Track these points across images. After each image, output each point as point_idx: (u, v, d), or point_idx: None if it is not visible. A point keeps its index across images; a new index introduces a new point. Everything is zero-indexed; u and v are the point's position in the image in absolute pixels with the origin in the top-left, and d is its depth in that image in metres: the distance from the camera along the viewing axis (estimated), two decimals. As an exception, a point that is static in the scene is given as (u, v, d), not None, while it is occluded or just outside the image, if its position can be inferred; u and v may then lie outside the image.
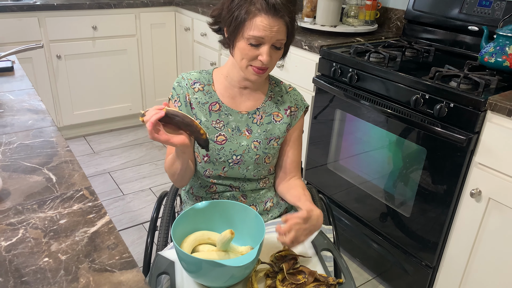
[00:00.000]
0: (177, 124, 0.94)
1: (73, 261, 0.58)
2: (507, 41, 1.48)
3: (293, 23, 1.07)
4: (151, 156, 2.83)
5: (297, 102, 1.23)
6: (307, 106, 1.25)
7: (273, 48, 1.06)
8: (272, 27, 1.01)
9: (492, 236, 1.38)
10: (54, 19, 2.59)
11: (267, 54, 1.04)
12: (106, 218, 0.66)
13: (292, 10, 1.04)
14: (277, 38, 1.03)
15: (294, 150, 1.24)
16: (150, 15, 2.93)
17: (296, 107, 1.22)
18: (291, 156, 1.23)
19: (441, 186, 1.46)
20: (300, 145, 1.25)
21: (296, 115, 1.23)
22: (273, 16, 1.01)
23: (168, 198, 1.34)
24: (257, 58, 1.05)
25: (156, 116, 0.88)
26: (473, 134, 1.34)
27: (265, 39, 1.02)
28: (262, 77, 1.11)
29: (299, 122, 1.24)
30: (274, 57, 1.07)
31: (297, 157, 1.25)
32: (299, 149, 1.25)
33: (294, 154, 1.24)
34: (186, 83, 1.17)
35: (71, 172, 0.79)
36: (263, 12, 1.00)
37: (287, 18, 1.02)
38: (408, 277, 1.67)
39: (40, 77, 2.67)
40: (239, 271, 0.92)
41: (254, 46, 1.04)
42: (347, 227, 1.92)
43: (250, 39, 1.03)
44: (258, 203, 1.23)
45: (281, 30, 1.03)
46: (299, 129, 1.24)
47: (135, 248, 2.00)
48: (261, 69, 1.07)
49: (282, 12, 1.01)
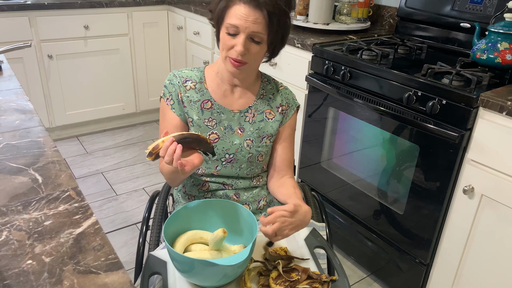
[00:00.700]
0: (189, 145, 0.96)
1: (57, 263, 0.57)
2: (499, 38, 1.48)
3: (278, 20, 1.03)
4: (144, 156, 2.81)
5: (289, 101, 1.22)
6: (298, 105, 1.25)
7: (251, 41, 1.03)
8: (248, 16, 0.99)
9: (485, 233, 1.38)
10: (45, 18, 2.57)
11: (242, 44, 1.02)
12: (93, 219, 0.65)
13: (276, 5, 1.00)
14: (252, 29, 1.00)
15: (284, 148, 1.23)
16: (142, 14, 2.91)
17: (287, 106, 1.22)
18: (281, 154, 1.22)
19: (434, 183, 1.46)
20: (291, 143, 1.25)
21: (287, 114, 1.22)
22: (251, 6, 0.99)
23: (160, 198, 1.33)
24: (234, 48, 1.04)
25: (178, 157, 0.90)
26: (465, 131, 1.34)
27: (240, 28, 1.01)
28: (241, 70, 1.08)
29: (290, 120, 1.23)
30: (253, 51, 1.05)
31: (288, 155, 1.24)
32: (291, 148, 1.24)
33: (285, 152, 1.23)
34: (178, 81, 1.16)
35: (57, 173, 0.78)
36: (243, 1, 0.99)
37: (267, 11, 0.99)
38: (402, 274, 1.67)
39: (32, 77, 2.65)
40: (231, 270, 0.92)
41: (231, 36, 1.03)
42: (341, 225, 1.92)
43: (228, 28, 1.02)
44: (251, 201, 1.22)
45: (259, 22, 1.00)
46: (290, 128, 1.23)
47: (129, 248, 1.98)
48: (236, 61, 1.05)
49: (262, 4, 0.98)
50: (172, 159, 0.91)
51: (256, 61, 1.09)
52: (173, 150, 0.91)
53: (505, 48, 1.47)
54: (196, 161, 0.96)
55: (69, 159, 2.72)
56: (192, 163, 0.95)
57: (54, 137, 2.95)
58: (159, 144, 0.92)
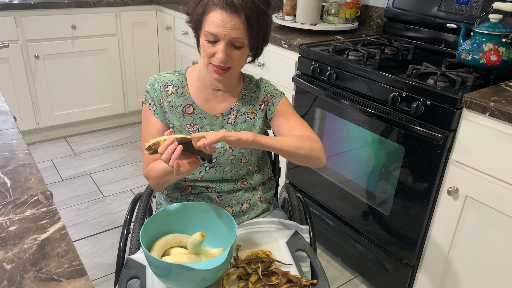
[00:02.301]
0: (188, 149, 0.95)
1: (18, 270, 0.55)
2: (484, 39, 1.48)
3: (258, 22, 1.00)
4: (132, 157, 2.78)
5: (270, 91, 1.19)
6: (283, 93, 1.20)
7: (232, 47, 1.01)
8: (226, 23, 0.97)
9: (470, 234, 1.37)
10: (31, 18, 2.53)
11: (222, 52, 1.00)
12: (59, 224, 0.63)
13: (254, 8, 0.98)
14: (232, 36, 0.98)
15: (286, 126, 1.15)
16: (131, 14, 2.89)
17: (270, 96, 1.18)
18: (283, 130, 1.15)
19: (420, 184, 1.46)
20: (293, 118, 1.15)
21: (272, 102, 1.17)
22: (228, 12, 0.96)
23: (142, 200, 1.31)
24: (215, 55, 1.02)
25: (176, 156, 0.90)
26: (449, 132, 1.33)
27: (219, 36, 0.99)
28: (225, 77, 1.07)
29: (280, 106, 1.17)
30: (235, 57, 1.03)
31: (293, 126, 1.14)
32: (293, 122, 1.14)
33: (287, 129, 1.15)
34: (159, 85, 1.14)
35: (27, 176, 0.76)
36: (219, 7, 0.97)
37: (244, 15, 0.97)
38: (389, 275, 1.67)
39: (18, 78, 2.61)
40: (209, 274, 0.90)
41: (211, 43, 1.01)
42: (329, 226, 1.91)
43: (207, 35, 1.00)
44: (234, 204, 1.21)
45: (238, 28, 0.98)
46: (280, 113, 1.16)
47: (114, 250, 1.96)
48: (220, 68, 1.03)
49: (239, 9, 0.96)
50: (170, 158, 0.91)
51: (240, 65, 1.07)
52: (172, 149, 0.91)
53: (489, 49, 1.46)
54: (192, 165, 0.95)
55: (56, 160, 2.69)
56: (187, 166, 0.94)
57: (42, 138, 2.92)
58: (160, 141, 0.92)
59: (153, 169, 1.12)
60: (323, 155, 1.09)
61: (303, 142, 1.05)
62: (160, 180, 1.11)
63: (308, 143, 1.06)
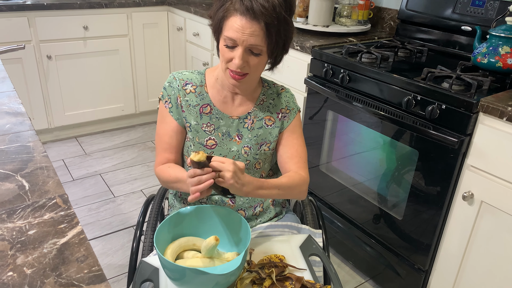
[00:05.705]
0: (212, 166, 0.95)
1: (38, 275, 0.55)
2: (500, 42, 1.46)
3: (278, 29, 0.98)
4: (143, 157, 2.79)
5: (288, 104, 1.19)
6: (299, 109, 1.22)
7: (250, 53, 1.01)
8: (245, 29, 0.96)
9: (485, 240, 1.35)
10: (44, 19, 2.55)
11: (240, 58, 0.99)
12: (78, 228, 0.64)
13: (275, 16, 0.96)
14: (250, 42, 0.97)
15: (290, 148, 1.17)
16: (142, 15, 2.90)
17: (287, 109, 1.19)
18: (283, 155, 1.17)
19: (434, 189, 1.44)
20: (297, 142, 1.18)
21: (288, 117, 1.19)
22: (247, 19, 0.95)
23: (155, 202, 1.31)
24: (232, 61, 1.02)
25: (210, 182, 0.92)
26: (465, 136, 1.31)
27: (237, 41, 0.98)
28: (242, 83, 1.06)
29: (292, 125, 1.19)
30: (252, 63, 1.02)
31: (293, 153, 1.17)
32: (297, 147, 1.17)
33: (290, 152, 1.17)
34: (177, 84, 1.14)
35: (45, 179, 0.76)
36: (239, 13, 0.96)
37: (264, 22, 0.95)
38: (401, 280, 1.65)
39: (31, 78, 2.64)
40: (223, 278, 0.90)
41: (229, 48, 1.01)
42: (340, 229, 1.90)
43: (226, 40, 1.00)
44: (247, 207, 1.20)
45: (256, 34, 0.97)
46: (290, 131, 1.19)
47: (125, 251, 1.97)
48: (237, 74, 1.03)
49: (259, 16, 0.95)
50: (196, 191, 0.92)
51: (257, 72, 1.07)
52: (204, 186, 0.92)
53: (506, 52, 1.44)
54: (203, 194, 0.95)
55: (67, 160, 2.71)
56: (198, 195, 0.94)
57: (53, 138, 2.94)
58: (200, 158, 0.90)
59: (166, 172, 1.12)
60: (305, 194, 1.17)
61: (291, 191, 1.11)
62: (170, 185, 1.13)
63: (297, 190, 1.12)
